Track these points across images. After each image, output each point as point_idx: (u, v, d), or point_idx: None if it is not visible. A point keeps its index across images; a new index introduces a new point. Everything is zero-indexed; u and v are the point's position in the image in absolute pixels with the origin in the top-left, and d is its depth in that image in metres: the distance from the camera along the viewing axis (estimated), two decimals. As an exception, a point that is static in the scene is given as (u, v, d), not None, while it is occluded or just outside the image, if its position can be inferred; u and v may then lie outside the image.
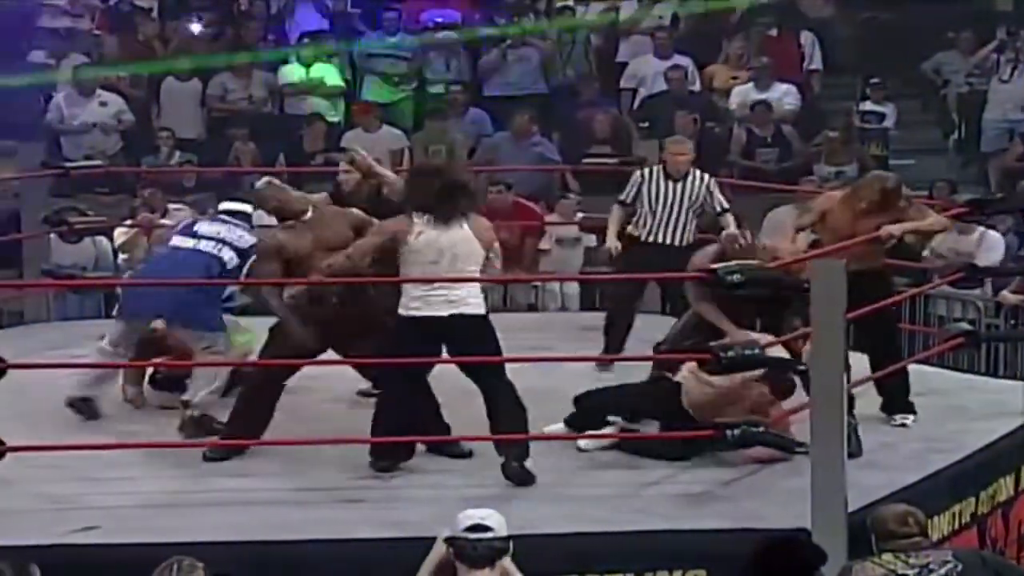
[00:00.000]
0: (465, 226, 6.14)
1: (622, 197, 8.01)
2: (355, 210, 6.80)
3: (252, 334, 6.85)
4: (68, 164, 9.56)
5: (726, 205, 7.97)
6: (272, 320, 6.54)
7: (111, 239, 8.96)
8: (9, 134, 10.88)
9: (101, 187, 10.50)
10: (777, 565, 4.23)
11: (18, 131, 10.93)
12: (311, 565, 5.52)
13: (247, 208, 7.01)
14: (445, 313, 6.07)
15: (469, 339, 6.11)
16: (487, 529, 4.14)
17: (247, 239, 6.81)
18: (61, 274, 8.59)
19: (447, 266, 6.10)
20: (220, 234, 6.81)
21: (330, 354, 6.57)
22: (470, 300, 6.12)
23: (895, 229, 6.65)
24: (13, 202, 9.78)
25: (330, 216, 6.67)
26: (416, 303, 6.11)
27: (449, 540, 4.17)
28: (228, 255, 6.74)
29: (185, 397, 6.80)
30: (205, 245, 6.76)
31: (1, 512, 5.87)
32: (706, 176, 7.97)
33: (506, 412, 6.12)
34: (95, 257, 9.41)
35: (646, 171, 7.99)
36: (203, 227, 6.89)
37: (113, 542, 5.57)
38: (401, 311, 6.14)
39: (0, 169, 10.30)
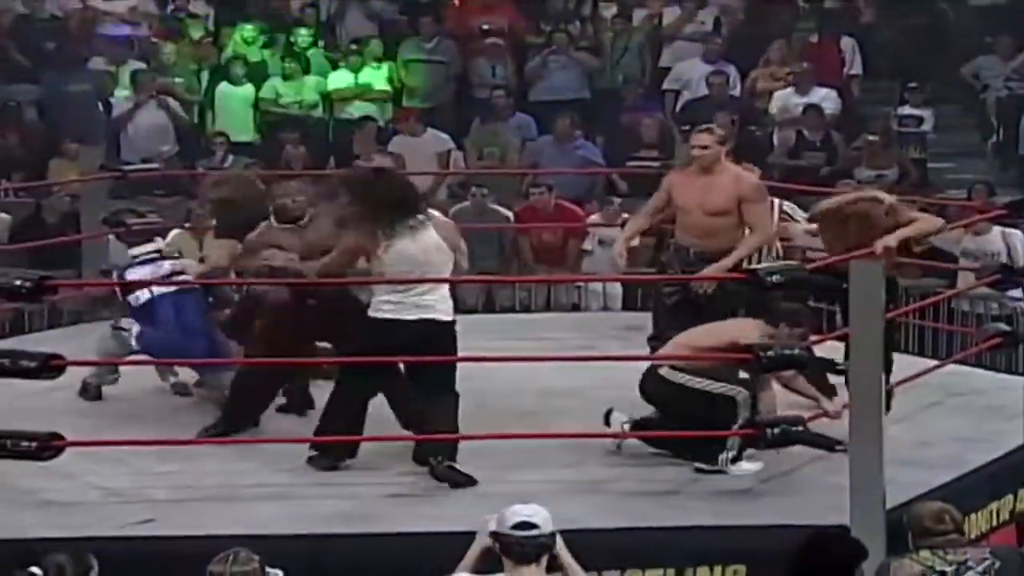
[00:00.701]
0: (431, 231, 6.06)
1: None
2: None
3: None
4: (126, 167, 9.62)
5: None
6: None
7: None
8: (71, 138, 11.00)
9: (158, 189, 10.57)
10: (820, 560, 4.21)
11: (79, 135, 11.05)
12: (361, 558, 5.54)
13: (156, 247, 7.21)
14: (413, 317, 6.03)
15: (432, 344, 6.04)
16: (533, 526, 4.14)
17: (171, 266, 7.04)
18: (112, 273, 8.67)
19: (420, 276, 6.05)
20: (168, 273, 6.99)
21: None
22: (439, 307, 6.06)
23: (890, 240, 6.50)
24: (73, 203, 9.88)
25: (325, 223, 6.61)
26: (387, 306, 6.05)
27: (495, 536, 4.16)
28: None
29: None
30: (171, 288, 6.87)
31: (61, 505, 5.92)
32: None
33: (437, 416, 6.05)
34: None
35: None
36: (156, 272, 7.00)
37: (168, 534, 5.60)
38: (371, 312, 6.09)
39: (62, 172, 10.42)
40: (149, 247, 7.18)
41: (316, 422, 6.32)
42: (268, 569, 4.06)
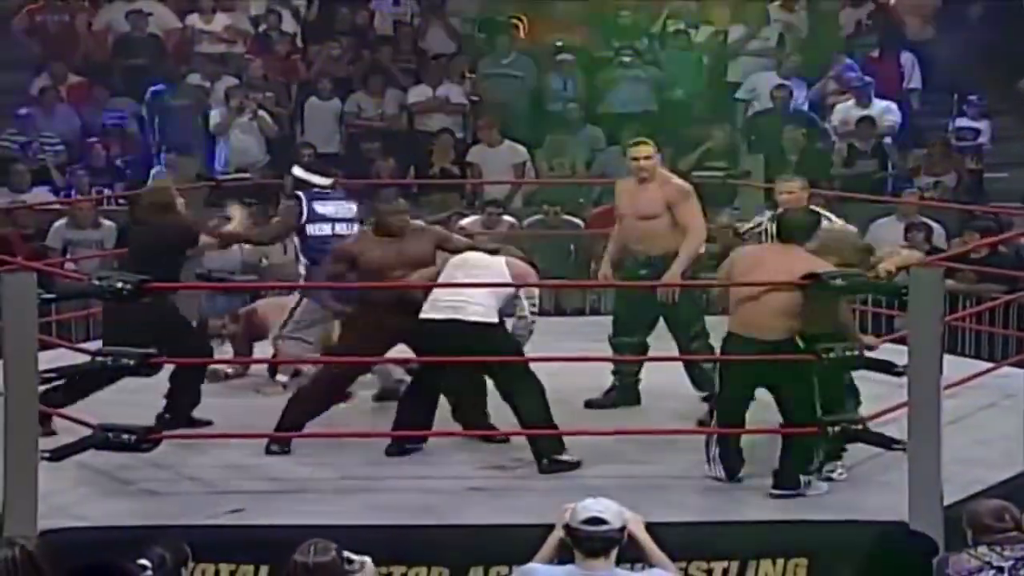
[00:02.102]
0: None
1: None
2: (438, 227, 6.99)
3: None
4: (220, 176, 9.72)
5: None
6: None
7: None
8: (170, 148, 11.13)
9: (250, 198, 10.65)
10: (894, 557, 4.14)
11: (177, 146, 11.17)
12: (440, 548, 5.55)
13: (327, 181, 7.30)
14: (442, 317, 6.12)
15: (458, 343, 6.11)
16: (603, 522, 4.14)
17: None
18: (212, 277, 8.77)
19: (462, 276, 6.26)
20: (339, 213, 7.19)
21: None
22: (469, 308, 6.13)
23: (890, 266, 6.29)
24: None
25: (413, 232, 6.67)
26: (426, 305, 6.22)
27: (567, 529, 4.16)
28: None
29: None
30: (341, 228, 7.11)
31: (158, 495, 5.99)
32: None
33: (527, 410, 6.17)
34: (241, 261, 9.56)
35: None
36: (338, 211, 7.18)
37: (258, 523, 5.65)
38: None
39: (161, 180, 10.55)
40: (318, 179, 7.27)
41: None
42: (354, 557, 4.09)
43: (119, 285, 5.72)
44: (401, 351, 6.56)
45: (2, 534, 5.00)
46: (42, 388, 5.72)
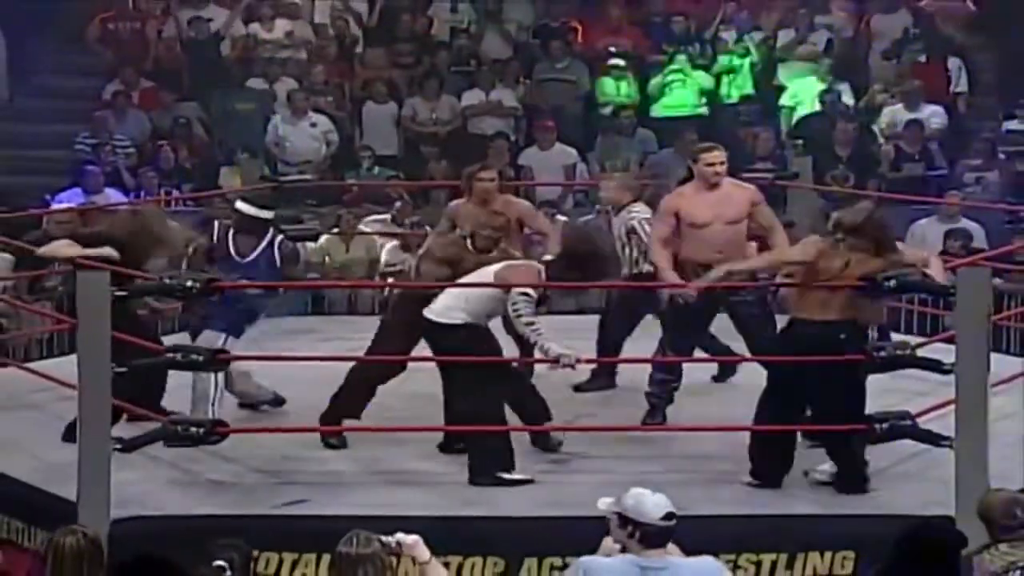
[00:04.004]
0: None
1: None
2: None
3: None
4: (283, 177, 9.77)
5: None
6: None
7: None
8: (236, 151, 11.20)
9: (310, 198, 10.71)
10: (922, 548, 4.10)
11: (242, 148, 11.24)
12: (490, 539, 5.55)
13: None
14: (428, 316, 6.12)
15: (434, 341, 6.13)
16: (675, 516, 4.11)
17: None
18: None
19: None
20: None
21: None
22: (434, 305, 6.10)
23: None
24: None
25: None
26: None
27: (634, 524, 4.07)
28: None
29: None
30: None
31: (223, 485, 6.03)
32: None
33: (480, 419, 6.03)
34: (305, 261, 9.59)
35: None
36: None
37: (319, 514, 5.66)
38: None
39: (230, 182, 10.61)
40: (263, 213, 6.96)
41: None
42: (389, 538, 4.09)
43: (188, 284, 5.76)
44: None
45: (76, 523, 5.05)
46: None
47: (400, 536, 4.11)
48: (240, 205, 6.96)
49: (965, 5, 12.35)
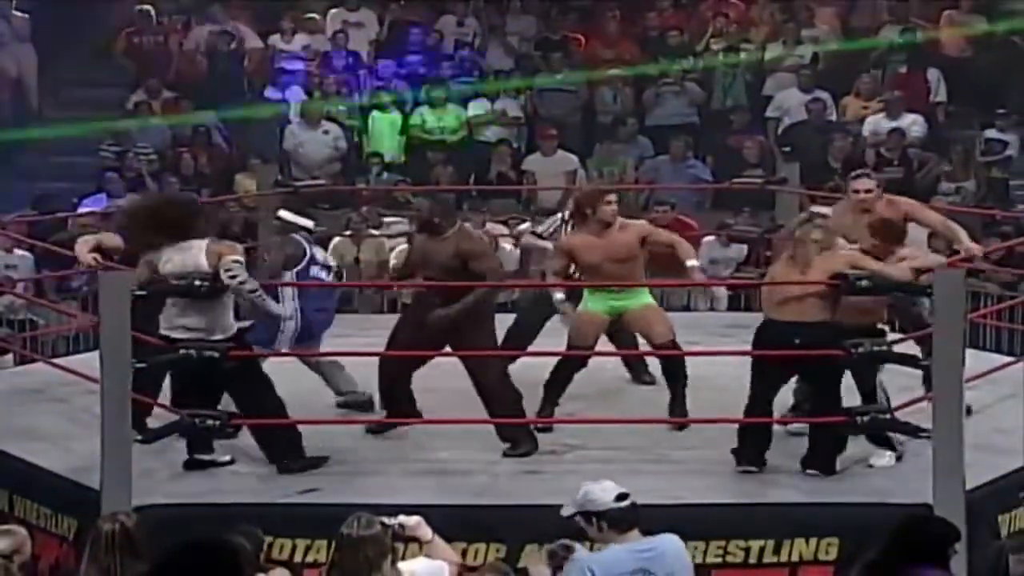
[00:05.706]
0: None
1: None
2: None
3: None
4: (297, 183, 9.78)
5: None
6: None
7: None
8: (252, 157, 11.21)
9: (323, 203, 10.72)
10: (916, 539, 4.08)
11: (258, 155, 11.25)
12: (502, 527, 5.56)
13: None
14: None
15: None
16: (627, 495, 4.07)
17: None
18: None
19: None
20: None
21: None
22: None
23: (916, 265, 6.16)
24: (251, 214, 10.06)
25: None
26: None
27: (595, 516, 4.04)
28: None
29: None
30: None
31: (235, 474, 6.04)
32: None
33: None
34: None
35: None
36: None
37: (331, 502, 5.66)
38: None
39: (246, 187, 10.62)
40: (303, 221, 6.93)
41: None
42: (392, 520, 4.10)
43: (196, 283, 5.76)
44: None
45: (100, 511, 5.07)
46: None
47: (402, 518, 4.12)
48: (283, 213, 6.96)
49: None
